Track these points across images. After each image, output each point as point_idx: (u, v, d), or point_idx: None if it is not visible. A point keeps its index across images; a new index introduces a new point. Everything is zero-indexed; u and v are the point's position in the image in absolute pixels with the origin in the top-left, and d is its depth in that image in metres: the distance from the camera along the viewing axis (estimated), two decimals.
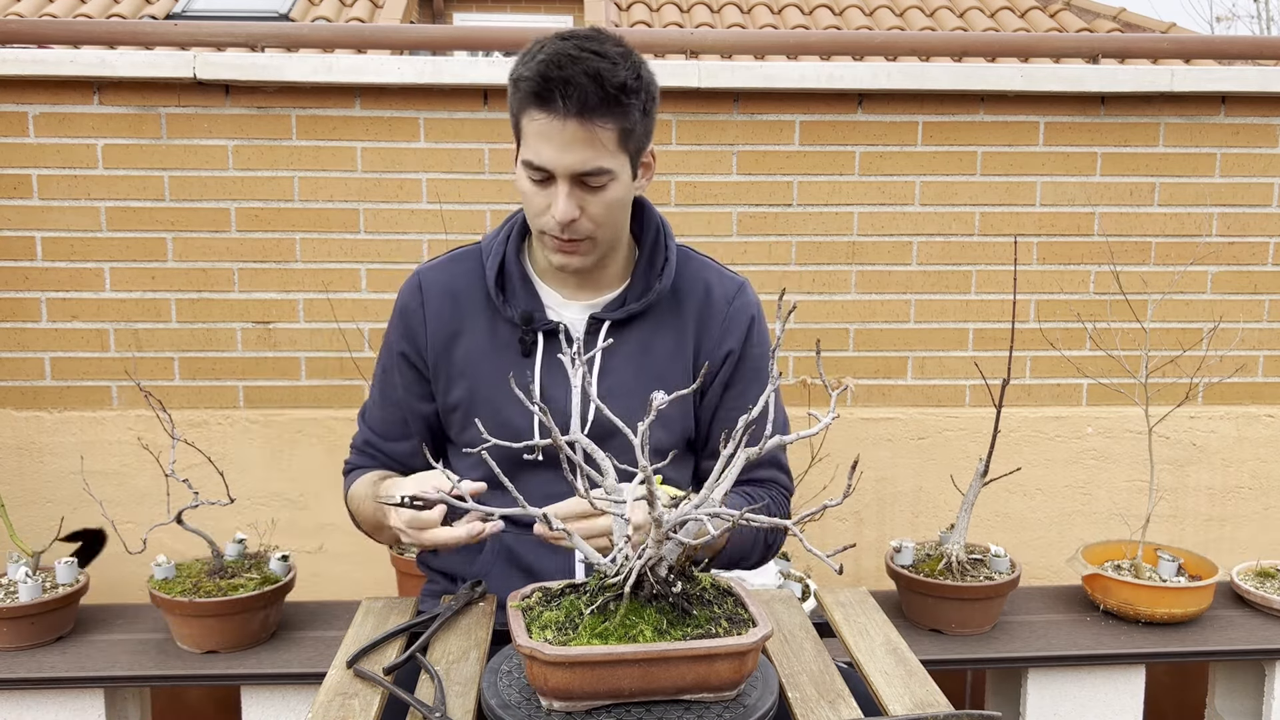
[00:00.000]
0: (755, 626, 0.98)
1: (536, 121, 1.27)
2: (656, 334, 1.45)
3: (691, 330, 1.46)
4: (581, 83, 1.23)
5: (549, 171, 1.29)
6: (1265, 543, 2.61)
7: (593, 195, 1.31)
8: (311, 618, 1.81)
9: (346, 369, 2.44)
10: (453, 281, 1.47)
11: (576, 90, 1.23)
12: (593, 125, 1.26)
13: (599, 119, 1.26)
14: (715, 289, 1.48)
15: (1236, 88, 2.42)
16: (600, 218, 1.33)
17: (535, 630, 0.96)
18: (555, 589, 1.05)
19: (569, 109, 1.24)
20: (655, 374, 1.42)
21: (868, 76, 2.38)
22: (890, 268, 2.50)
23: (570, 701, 0.94)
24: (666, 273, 1.44)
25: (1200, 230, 2.50)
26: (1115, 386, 2.47)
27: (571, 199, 1.30)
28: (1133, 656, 1.71)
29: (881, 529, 2.56)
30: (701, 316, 1.46)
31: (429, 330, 1.46)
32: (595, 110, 1.25)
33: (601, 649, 0.92)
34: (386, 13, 6.84)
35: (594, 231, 1.34)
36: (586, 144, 1.27)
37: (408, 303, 1.48)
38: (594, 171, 1.29)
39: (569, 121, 1.25)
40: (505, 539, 1.43)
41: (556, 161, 1.28)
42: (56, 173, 2.34)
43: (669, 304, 1.46)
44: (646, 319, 1.45)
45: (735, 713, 0.96)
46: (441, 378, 1.46)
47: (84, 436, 2.42)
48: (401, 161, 2.39)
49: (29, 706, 1.64)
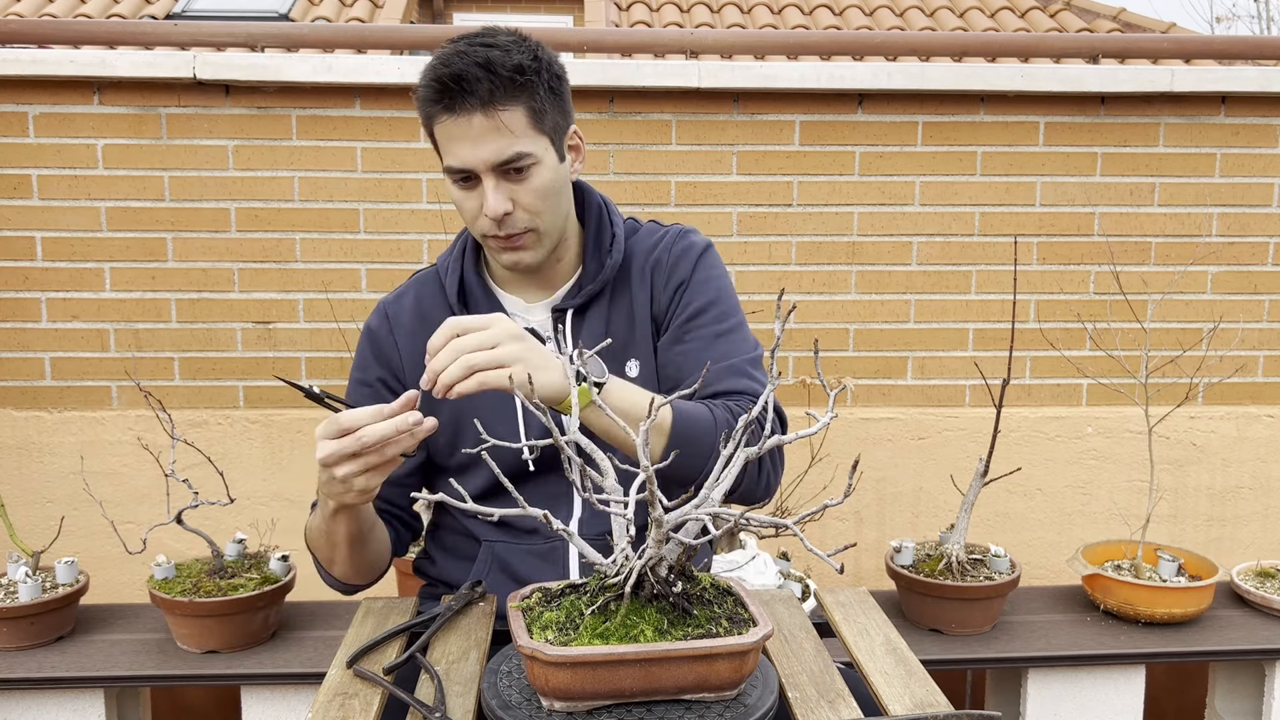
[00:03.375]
0: (756, 626, 0.98)
1: (444, 125, 1.27)
2: (613, 308, 1.43)
3: (639, 289, 1.43)
4: (474, 74, 1.24)
5: (470, 171, 1.29)
6: (1265, 543, 2.61)
7: (520, 185, 1.30)
8: (311, 618, 1.81)
9: (346, 369, 2.43)
10: (418, 305, 1.46)
11: (470, 83, 1.23)
12: (496, 113, 1.25)
13: (501, 104, 1.25)
14: (659, 244, 1.46)
15: (1236, 88, 2.42)
16: (534, 206, 1.31)
17: (536, 631, 0.96)
18: (555, 589, 1.05)
19: (470, 103, 1.24)
20: (621, 348, 1.40)
21: (868, 76, 2.38)
22: (890, 268, 2.50)
23: (571, 702, 0.94)
24: (615, 247, 1.42)
25: (1200, 230, 2.50)
26: (1115, 386, 2.47)
27: (500, 192, 1.28)
28: (1133, 656, 1.70)
29: (881, 529, 2.56)
30: (650, 272, 1.44)
31: (402, 353, 1.44)
32: (495, 97, 1.25)
33: (603, 649, 0.92)
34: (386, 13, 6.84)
35: (532, 221, 1.32)
36: (496, 132, 1.26)
37: (376, 330, 1.46)
38: (512, 158, 1.27)
39: (474, 116, 1.25)
40: (499, 550, 1.42)
41: (473, 157, 1.27)
42: (56, 173, 2.35)
43: (621, 277, 1.44)
44: (603, 298, 1.43)
45: (735, 712, 0.96)
46: (423, 403, 1.44)
47: (84, 436, 2.42)
48: (401, 161, 2.39)
49: (29, 706, 1.64)
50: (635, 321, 1.43)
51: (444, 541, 1.50)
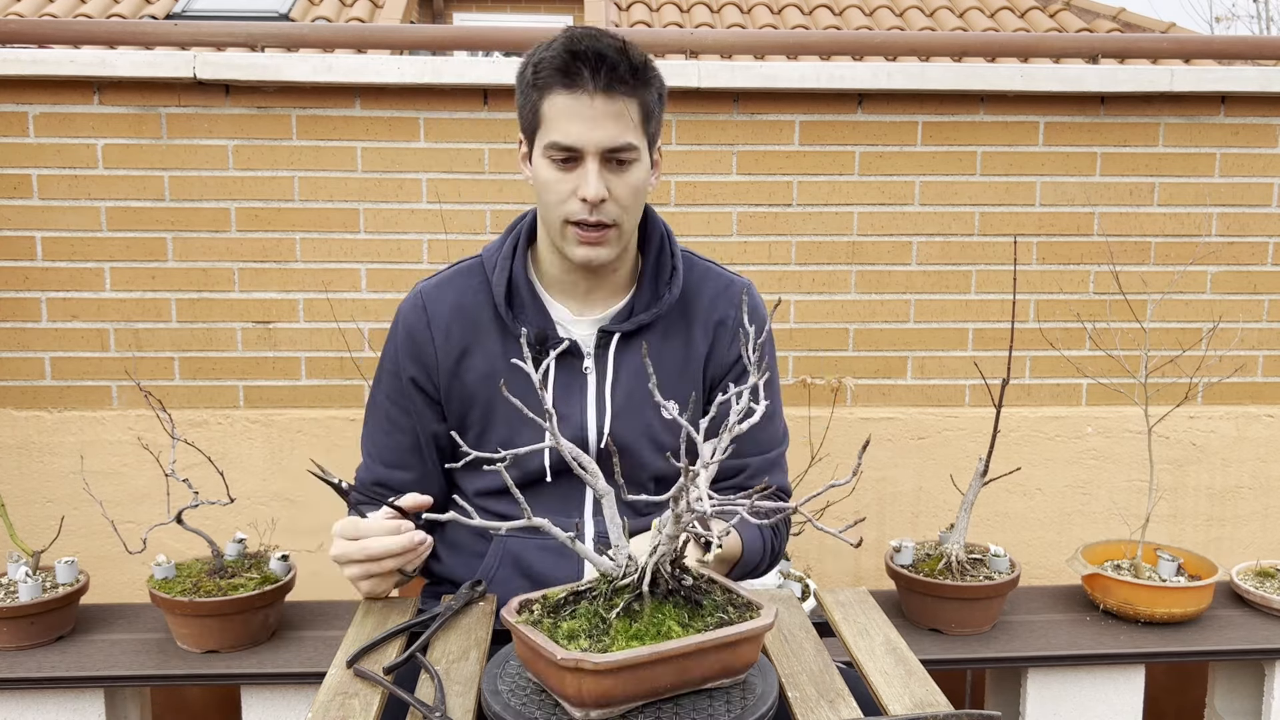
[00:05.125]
0: (761, 608, 1.00)
1: (559, 100, 1.27)
2: (665, 344, 1.43)
3: (700, 339, 1.44)
4: (609, 55, 1.25)
5: (578, 150, 1.28)
6: (1265, 543, 2.61)
7: (619, 176, 1.30)
8: (311, 618, 1.80)
9: (346, 369, 2.44)
10: (459, 298, 1.43)
11: (604, 63, 1.25)
12: (619, 100, 1.27)
13: (624, 94, 1.27)
14: (722, 296, 1.46)
15: (1236, 88, 2.42)
16: (625, 200, 1.31)
17: (562, 642, 0.94)
18: (554, 599, 1.04)
19: (596, 83, 1.25)
20: (664, 385, 1.39)
21: (868, 76, 2.38)
22: (890, 268, 2.50)
23: (609, 708, 0.93)
24: (675, 281, 1.42)
25: (1200, 230, 2.50)
26: (1115, 386, 2.48)
27: (601, 178, 1.29)
28: (1132, 656, 1.70)
29: (881, 529, 2.56)
30: (710, 324, 1.44)
31: (439, 352, 1.42)
32: (621, 84, 1.26)
33: (648, 649, 0.92)
34: (386, 13, 6.84)
35: (619, 216, 1.32)
36: (615, 119, 1.27)
37: (414, 325, 1.43)
38: (623, 147, 1.28)
39: (596, 97, 1.26)
40: (512, 545, 1.42)
41: (586, 137, 1.27)
42: (56, 173, 2.35)
43: (676, 312, 1.44)
44: (654, 329, 1.42)
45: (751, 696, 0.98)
46: (454, 400, 1.43)
47: (84, 436, 2.42)
48: (401, 161, 2.39)
49: (29, 706, 1.64)
50: (687, 366, 1.43)
51: (452, 538, 1.50)
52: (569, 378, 1.41)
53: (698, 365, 1.44)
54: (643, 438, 1.41)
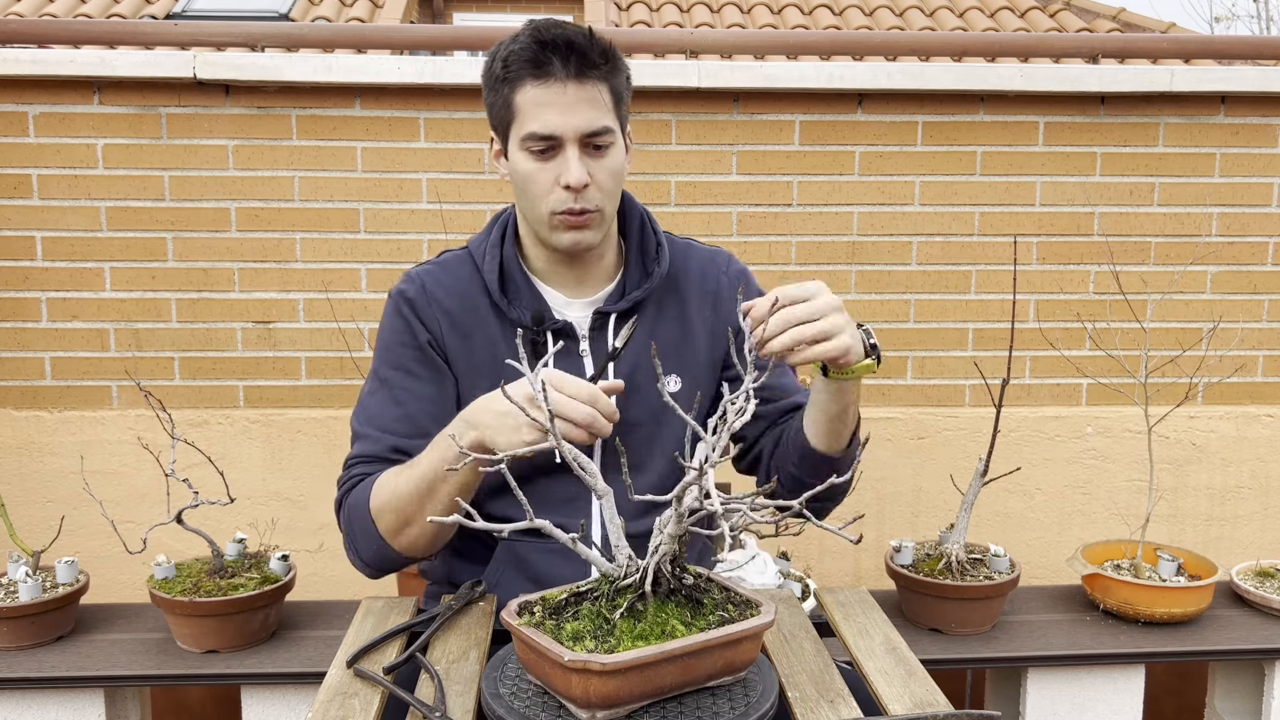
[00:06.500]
0: (761, 605, 1.00)
1: (531, 91, 1.28)
2: (660, 320, 1.44)
3: (699, 309, 1.46)
4: (578, 42, 1.27)
5: (556, 138, 1.28)
6: (1265, 543, 2.61)
7: (599, 160, 1.31)
8: (311, 618, 1.80)
9: (346, 369, 2.44)
10: (455, 284, 1.42)
11: (574, 50, 1.27)
12: (591, 85, 1.28)
13: (596, 79, 1.28)
14: (710, 266, 1.50)
15: (1236, 88, 2.42)
16: (606, 185, 1.33)
17: (567, 643, 0.94)
18: (554, 600, 1.03)
19: (568, 71, 1.26)
20: (662, 360, 1.41)
21: (868, 76, 2.38)
22: (890, 268, 2.50)
23: (615, 709, 0.93)
24: (663, 256, 1.44)
25: (1200, 230, 2.50)
26: (1115, 386, 2.47)
27: (582, 164, 1.29)
28: (1132, 656, 1.70)
29: (881, 528, 2.56)
30: (706, 294, 1.47)
31: (442, 324, 1.40)
32: (593, 69, 1.28)
33: (655, 649, 0.92)
34: (386, 13, 6.84)
35: (602, 201, 1.33)
36: (589, 103, 1.28)
37: (415, 298, 1.41)
38: (600, 130, 1.29)
39: (569, 84, 1.27)
40: (516, 548, 1.42)
41: (563, 124, 1.28)
42: (56, 173, 2.35)
43: (666, 288, 1.45)
44: (646, 307, 1.44)
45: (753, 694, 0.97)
46: (463, 379, 1.41)
47: (84, 436, 2.42)
48: (401, 161, 2.39)
49: (29, 706, 1.64)
50: (688, 339, 1.45)
51: (455, 543, 1.49)
52: (566, 364, 1.41)
53: (702, 340, 1.46)
54: (650, 414, 1.42)
